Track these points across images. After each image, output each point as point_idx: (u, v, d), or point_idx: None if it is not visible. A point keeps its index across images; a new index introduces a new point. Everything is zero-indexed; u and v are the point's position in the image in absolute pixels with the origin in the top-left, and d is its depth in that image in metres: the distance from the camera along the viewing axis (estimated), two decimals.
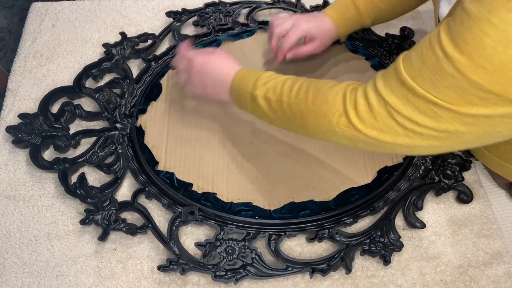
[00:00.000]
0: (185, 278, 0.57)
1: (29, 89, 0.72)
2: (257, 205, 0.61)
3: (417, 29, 0.79)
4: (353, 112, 0.44)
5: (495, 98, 0.35)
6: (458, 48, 0.36)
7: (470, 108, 0.37)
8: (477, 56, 0.35)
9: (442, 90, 0.37)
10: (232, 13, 0.79)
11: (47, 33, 0.79)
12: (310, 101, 0.48)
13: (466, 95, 0.36)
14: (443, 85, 0.37)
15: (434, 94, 0.38)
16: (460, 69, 0.36)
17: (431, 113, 0.39)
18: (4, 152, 0.67)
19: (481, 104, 0.36)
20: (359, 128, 0.44)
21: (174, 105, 0.70)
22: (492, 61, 0.34)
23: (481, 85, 0.35)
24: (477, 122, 0.38)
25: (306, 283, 0.58)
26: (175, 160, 0.65)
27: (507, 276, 0.58)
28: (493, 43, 0.34)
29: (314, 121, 0.48)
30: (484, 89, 0.35)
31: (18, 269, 0.58)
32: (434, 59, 0.38)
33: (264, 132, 0.67)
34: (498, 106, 0.36)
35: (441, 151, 0.44)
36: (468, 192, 0.63)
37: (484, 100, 0.36)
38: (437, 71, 0.37)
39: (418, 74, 0.39)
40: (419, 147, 0.42)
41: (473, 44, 0.35)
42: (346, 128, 0.45)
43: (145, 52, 0.74)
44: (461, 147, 0.43)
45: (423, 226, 0.60)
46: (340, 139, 0.47)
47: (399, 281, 0.58)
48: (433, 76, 0.38)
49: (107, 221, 0.59)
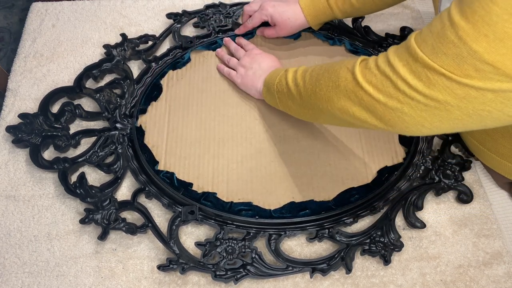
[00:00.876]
0: (185, 278, 0.57)
1: (29, 89, 0.72)
2: (257, 204, 0.61)
3: (417, 29, 0.80)
4: (359, 67, 0.46)
5: (492, 70, 0.36)
6: (464, 16, 0.36)
7: (464, 79, 0.37)
8: (481, 24, 0.35)
9: (441, 56, 0.38)
10: (232, 15, 0.79)
11: (47, 33, 0.79)
12: (329, 65, 0.52)
13: (464, 64, 0.37)
14: (442, 52, 0.38)
15: (433, 59, 0.39)
16: (463, 37, 0.36)
17: (425, 78, 0.40)
18: (4, 152, 0.67)
19: (475, 76, 0.37)
20: (359, 80, 0.45)
21: (174, 105, 0.70)
22: (495, 28, 0.35)
23: (480, 54, 0.36)
24: (467, 96, 0.38)
25: (306, 283, 0.58)
26: (175, 160, 0.65)
27: (507, 276, 0.58)
28: (499, 10, 0.34)
29: (324, 80, 0.50)
30: (482, 59, 0.36)
31: (18, 269, 0.58)
32: (440, 26, 0.39)
33: (264, 132, 0.67)
34: (493, 81, 0.36)
35: (429, 128, 0.43)
36: (468, 192, 0.63)
37: (480, 72, 0.36)
38: (440, 37, 0.38)
39: (423, 41, 0.40)
40: (407, 116, 0.43)
41: (479, 12, 0.35)
42: (349, 82, 0.46)
43: (146, 53, 0.74)
44: (448, 126, 0.43)
45: (423, 226, 0.60)
46: (341, 98, 0.48)
47: (399, 281, 0.58)
48: (435, 43, 0.38)
49: (107, 220, 0.59)
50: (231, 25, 0.78)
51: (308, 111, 0.56)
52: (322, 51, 0.76)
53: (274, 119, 0.68)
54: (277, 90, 0.61)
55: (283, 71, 0.60)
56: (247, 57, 0.71)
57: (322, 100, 0.51)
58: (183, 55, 0.74)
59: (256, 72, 0.68)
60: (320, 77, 0.52)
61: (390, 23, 0.82)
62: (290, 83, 0.57)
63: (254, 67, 0.68)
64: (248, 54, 0.71)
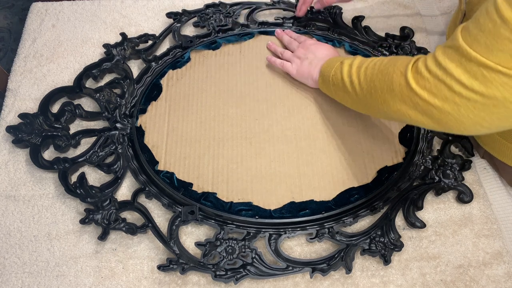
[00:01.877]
0: (185, 278, 0.57)
1: (29, 89, 0.72)
2: (257, 205, 0.61)
3: (417, 29, 0.80)
4: (411, 73, 0.46)
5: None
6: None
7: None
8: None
9: (496, 54, 0.38)
10: (232, 14, 0.79)
11: (47, 33, 0.79)
12: (383, 64, 0.51)
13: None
14: (498, 49, 0.38)
15: (488, 57, 0.38)
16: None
17: (481, 77, 0.39)
18: (4, 152, 0.67)
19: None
20: (413, 87, 0.45)
21: (174, 105, 0.70)
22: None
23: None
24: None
25: (306, 283, 0.58)
26: (175, 160, 0.65)
27: (507, 276, 0.58)
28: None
29: (378, 82, 0.51)
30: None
31: (18, 269, 0.58)
32: (491, 25, 0.38)
33: (264, 132, 0.67)
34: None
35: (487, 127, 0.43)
36: (468, 192, 0.63)
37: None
38: (493, 36, 0.38)
39: (474, 40, 0.40)
40: (465, 118, 0.42)
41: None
42: (403, 88, 0.47)
43: (146, 52, 0.74)
44: (508, 123, 0.42)
45: (423, 226, 0.60)
46: (396, 102, 0.48)
47: (399, 281, 0.58)
48: (489, 41, 0.38)
49: (107, 220, 0.59)
50: (231, 24, 0.78)
51: (364, 107, 0.57)
52: None
53: (274, 119, 0.68)
54: (332, 83, 0.61)
55: (338, 63, 0.60)
56: (302, 48, 0.70)
57: (378, 101, 0.51)
58: (183, 55, 0.74)
59: (312, 62, 0.67)
60: (374, 78, 0.52)
61: (390, 23, 0.81)
62: (346, 78, 0.57)
63: (310, 57, 0.68)
64: (302, 45, 0.71)
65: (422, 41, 0.79)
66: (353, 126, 0.68)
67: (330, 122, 0.68)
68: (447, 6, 0.84)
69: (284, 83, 0.72)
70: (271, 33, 0.77)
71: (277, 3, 0.81)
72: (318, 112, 0.69)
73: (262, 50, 0.76)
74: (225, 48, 0.76)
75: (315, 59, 0.67)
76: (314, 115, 0.69)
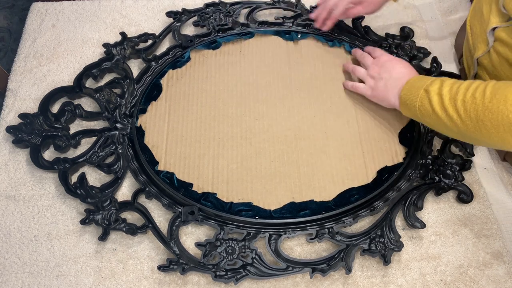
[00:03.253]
0: (185, 278, 0.57)
1: (29, 89, 0.72)
2: (257, 205, 0.61)
3: (416, 29, 0.80)
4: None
5: None
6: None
7: None
8: None
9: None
10: (232, 13, 0.79)
11: (47, 33, 0.79)
12: (487, 100, 0.47)
13: None
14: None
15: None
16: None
17: None
18: (4, 152, 0.67)
19: None
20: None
21: (174, 105, 0.70)
22: None
23: None
24: None
25: (306, 283, 0.58)
26: (175, 160, 0.65)
27: (507, 276, 0.58)
28: None
29: (490, 122, 0.47)
30: None
31: (18, 269, 0.58)
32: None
33: (264, 132, 0.67)
34: None
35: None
36: (468, 192, 0.63)
37: None
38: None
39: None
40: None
41: None
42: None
43: (145, 52, 0.74)
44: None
45: (423, 226, 0.60)
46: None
47: (399, 281, 0.58)
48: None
49: (107, 221, 0.59)
50: (231, 23, 0.77)
51: (468, 140, 0.54)
52: (322, 53, 0.75)
53: (274, 119, 0.68)
54: (421, 113, 0.57)
55: (422, 91, 0.56)
56: (375, 66, 0.66)
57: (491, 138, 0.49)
58: (183, 54, 0.74)
59: (387, 83, 0.63)
60: (481, 116, 0.48)
61: (390, 23, 0.81)
62: (439, 111, 0.53)
63: (385, 77, 0.63)
64: (376, 62, 0.66)
65: (422, 41, 0.79)
66: (353, 126, 0.68)
67: (330, 122, 0.68)
68: (447, 6, 0.84)
69: (284, 83, 0.72)
70: (271, 32, 0.77)
71: (277, 2, 0.81)
72: (318, 112, 0.69)
73: (262, 50, 0.76)
74: (225, 48, 0.76)
75: (390, 80, 0.63)
76: (314, 115, 0.69)
